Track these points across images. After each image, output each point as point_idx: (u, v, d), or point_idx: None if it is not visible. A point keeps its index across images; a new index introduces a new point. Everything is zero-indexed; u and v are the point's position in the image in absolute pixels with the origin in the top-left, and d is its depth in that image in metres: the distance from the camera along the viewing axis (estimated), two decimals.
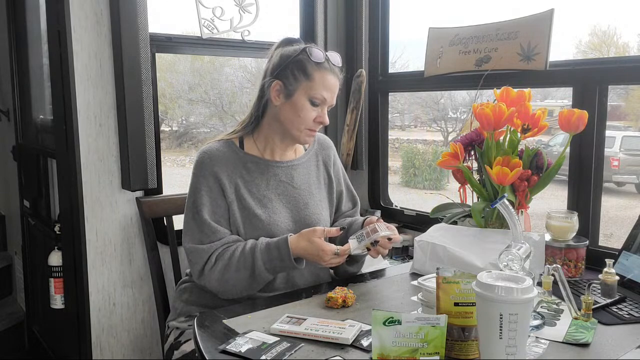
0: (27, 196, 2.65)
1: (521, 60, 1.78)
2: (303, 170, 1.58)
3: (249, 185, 1.49)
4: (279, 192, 1.52)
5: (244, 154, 1.52)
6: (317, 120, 1.47)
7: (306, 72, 1.44)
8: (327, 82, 1.45)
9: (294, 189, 1.54)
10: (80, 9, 1.73)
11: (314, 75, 1.44)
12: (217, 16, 1.98)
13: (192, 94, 11.55)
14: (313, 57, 1.44)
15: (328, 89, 1.45)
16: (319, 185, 1.60)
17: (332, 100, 1.48)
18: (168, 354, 1.49)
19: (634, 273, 1.41)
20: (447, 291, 1.03)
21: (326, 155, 1.65)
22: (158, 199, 1.86)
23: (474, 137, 1.66)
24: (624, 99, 8.03)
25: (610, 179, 7.41)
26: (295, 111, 1.45)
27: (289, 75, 1.45)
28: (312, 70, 1.44)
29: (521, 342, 0.94)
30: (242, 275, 1.40)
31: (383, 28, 2.34)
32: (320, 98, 1.44)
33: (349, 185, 1.71)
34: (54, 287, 2.05)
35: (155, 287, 1.82)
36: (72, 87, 1.75)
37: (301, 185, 1.55)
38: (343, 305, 1.29)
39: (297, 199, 1.53)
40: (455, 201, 1.73)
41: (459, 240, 1.52)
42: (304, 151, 1.61)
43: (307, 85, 1.44)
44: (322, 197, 1.59)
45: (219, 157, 1.49)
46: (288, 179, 1.54)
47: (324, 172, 1.63)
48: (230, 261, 1.40)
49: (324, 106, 1.47)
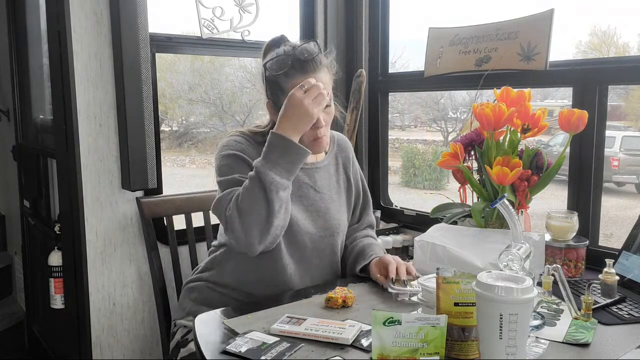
0: (27, 196, 2.65)
1: (521, 60, 1.78)
2: (325, 173, 1.54)
3: None
4: (300, 195, 1.47)
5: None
6: (312, 127, 1.35)
7: (279, 87, 1.37)
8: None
9: (316, 193, 1.50)
10: (80, 9, 1.73)
11: (285, 87, 1.35)
12: (217, 16, 1.98)
13: (192, 94, 11.56)
14: (273, 71, 1.37)
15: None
16: (338, 190, 1.56)
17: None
18: (174, 352, 1.48)
19: (634, 273, 1.41)
20: (447, 291, 1.03)
21: (345, 157, 1.61)
22: (158, 199, 1.86)
23: (474, 137, 1.66)
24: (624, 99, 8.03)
25: (610, 179, 7.41)
26: None
27: (272, 94, 1.41)
28: (282, 82, 1.36)
29: (521, 342, 0.94)
30: (255, 196, 1.26)
31: (383, 28, 2.34)
32: None
33: (366, 188, 1.66)
34: (54, 287, 2.05)
35: (155, 287, 1.82)
36: (72, 87, 1.75)
37: (323, 189, 1.51)
38: (343, 305, 1.29)
39: (319, 203, 1.49)
40: (455, 201, 1.73)
41: (459, 240, 1.52)
42: (324, 154, 1.56)
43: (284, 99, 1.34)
44: (342, 201, 1.56)
45: (245, 150, 1.41)
46: (311, 182, 1.49)
47: (344, 175, 1.59)
48: (241, 190, 1.29)
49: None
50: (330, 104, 1.40)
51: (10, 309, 2.95)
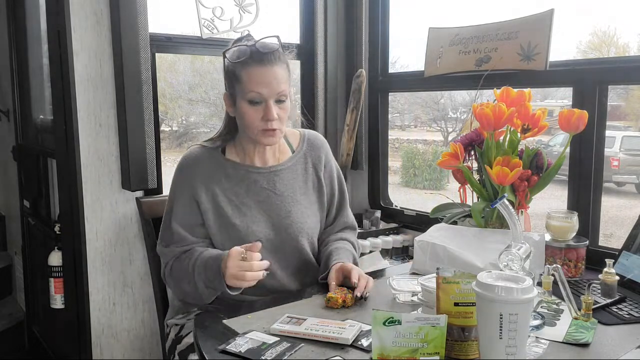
0: (27, 196, 2.65)
1: (521, 60, 1.78)
2: (287, 175, 1.51)
3: (228, 193, 1.45)
4: (259, 200, 1.47)
5: (224, 160, 1.48)
6: (264, 119, 1.37)
7: (236, 76, 1.39)
8: (257, 77, 1.35)
9: (276, 196, 1.48)
10: (80, 9, 1.73)
11: (241, 76, 1.37)
12: (217, 16, 1.98)
13: (192, 94, 11.55)
14: (232, 59, 1.39)
15: (260, 83, 1.35)
16: (305, 191, 1.53)
17: (272, 91, 1.36)
18: (170, 350, 1.48)
19: (634, 273, 1.41)
20: (447, 291, 1.03)
21: (316, 156, 1.56)
22: (158, 199, 1.86)
23: (474, 137, 1.66)
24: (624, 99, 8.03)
25: (610, 179, 7.40)
26: (241, 117, 1.40)
27: (229, 85, 1.43)
28: (239, 71, 1.38)
29: (521, 342, 0.94)
30: (190, 288, 1.39)
31: (383, 28, 2.34)
32: (256, 95, 1.36)
33: (342, 186, 1.63)
34: (54, 287, 2.05)
35: (155, 287, 1.82)
36: (72, 87, 1.75)
37: (284, 192, 1.49)
38: (343, 306, 1.29)
39: (279, 206, 1.48)
40: (455, 201, 1.73)
41: (459, 240, 1.52)
42: (290, 154, 1.55)
43: (240, 89, 1.38)
44: (309, 202, 1.53)
45: (199, 163, 1.47)
46: (270, 186, 1.48)
47: (313, 175, 1.55)
48: (180, 273, 1.41)
49: (267, 101, 1.36)
50: (285, 99, 1.40)
51: (10, 309, 2.95)
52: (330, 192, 1.59)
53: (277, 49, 1.40)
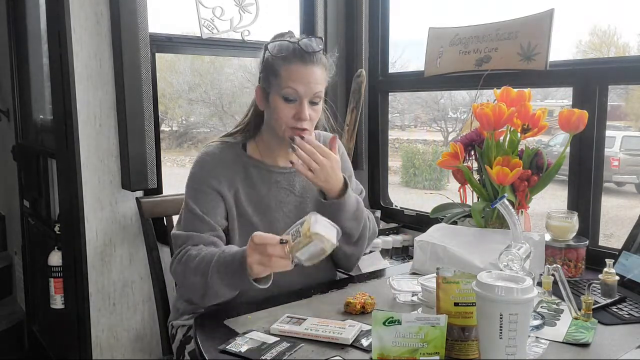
0: (27, 196, 2.65)
1: (521, 60, 1.78)
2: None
3: (249, 192, 1.44)
4: (280, 200, 1.47)
5: (247, 157, 1.47)
6: (295, 117, 1.35)
7: (274, 70, 1.37)
8: (296, 74, 1.34)
9: (295, 197, 1.48)
10: (80, 9, 1.73)
11: (280, 71, 1.35)
12: (217, 16, 1.98)
13: (192, 94, 11.56)
14: (273, 52, 1.37)
15: (298, 80, 1.34)
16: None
17: (309, 91, 1.35)
18: (179, 351, 1.46)
19: (634, 273, 1.41)
20: (447, 291, 1.03)
21: None
22: (158, 199, 1.86)
23: (474, 137, 1.66)
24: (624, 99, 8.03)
25: (610, 179, 7.40)
26: (274, 112, 1.38)
27: (265, 78, 1.41)
28: (278, 66, 1.36)
29: (521, 342, 0.94)
30: (196, 282, 1.29)
31: (383, 28, 2.34)
32: (292, 92, 1.34)
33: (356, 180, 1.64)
34: (54, 287, 2.05)
35: (155, 287, 1.82)
36: (72, 87, 1.75)
37: (303, 193, 1.49)
38: (362, 312, 1.24)
39: (299, 207, 1.48)
40: (455, 201, 1.73)
41: (459, 240, 1.52)
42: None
43: (276, 83, 1.36)
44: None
45: (221, 161, 1.44)
46: (289, 186, 1.48)
47: None
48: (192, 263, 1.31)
49: (302, 100, 1.35)
50: (319, 101, 1.40)
51: (10, 309, 2.95)
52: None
53: (320, 50, 1.38)
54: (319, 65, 1.38)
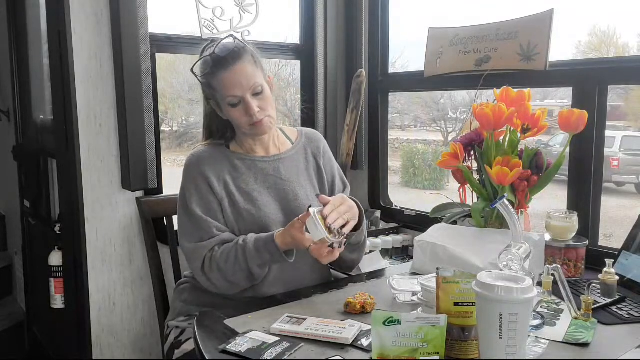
0: (27, 196, 2.65)
1: (521, 60, 1.78)
2: (290, 162, 1.58)
3: (238, 182, 1.51)
4: (267, 186, 1.53)
5: (230, 152, 1.55)
6: (247, 115, 1.44)
7: (209, 87, 1.46)
8: (226, 81, 1.42)
9: (282, 181, 1.54)
10: (80, 9, 1.73)
11: (214, 85, 1.45)
12: (217, 16, 1.98)
13: (192, 94, 11.54)
14: (199, 74, 1.46)
15: (231, 86, 1.42)
16: (308, 176, 1.60)
17: (246, 88, 1.42)
18: (169, 354, 1.49)
19: (634, 273, 1.41)
20: (447, 291, 1.03)
21: (315, 147, 1.64)
22: (158, 198, 1.86)
23: (474, 137, 1.66)
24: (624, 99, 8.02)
25: (610, 179, 7.39)
26: (231, 119, 1.49)
27: (208, 96, 1.51)
28: (210, 82, 1.45)
29: (521, 342, 0.94)
30: (239, 276, 1.41)
31: (383, 28, 2.33)
32: (232, 98, 1.43)
33: (342, 174, 1.71)
34: (54, 287, 2.05)
35: (155, 287, 1.82)
36: (72, 87, 1.75)
37: (289, 177, 1.56)
38: (362, 312, 1.25)
39: (287, 190, 1.53)
40: (455, 201, 1.73)
41: (459, 240, 1.52)
42: (290, 145, 1.62)
43: (219, 96, 1.46)
44: (312, 187, 1.59)
45: (207, 158, 1.51)
46: (275, 172, 1.55)
47: (314, 163, 1.63)
48: (227, 265, 1.40)
49: (245, 99, 1.43)
50: (261, 90, 1.45)
51: (10, 309, 2.95)
52: (331, 179, 1.65)
53: (234, 47, 1.44)
54: (242, 60, 1.44)
